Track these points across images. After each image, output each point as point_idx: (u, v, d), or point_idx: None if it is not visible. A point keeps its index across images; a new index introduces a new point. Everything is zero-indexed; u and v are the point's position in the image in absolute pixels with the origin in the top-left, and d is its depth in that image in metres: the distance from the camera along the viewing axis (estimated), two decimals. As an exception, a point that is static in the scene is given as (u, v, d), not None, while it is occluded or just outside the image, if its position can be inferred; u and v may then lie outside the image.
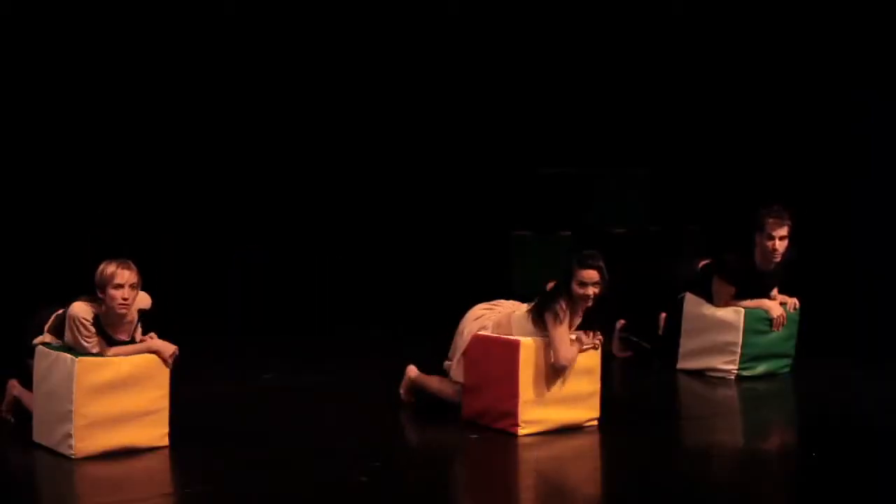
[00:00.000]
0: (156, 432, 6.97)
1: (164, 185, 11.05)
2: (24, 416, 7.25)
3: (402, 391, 8.03)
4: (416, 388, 7.98)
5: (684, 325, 9.05)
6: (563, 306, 7.34)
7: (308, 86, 11.53)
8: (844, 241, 10.79)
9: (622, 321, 9.55)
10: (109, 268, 6.78)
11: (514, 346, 7.35)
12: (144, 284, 6.96)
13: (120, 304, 6.78)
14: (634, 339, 9.49)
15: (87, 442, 6.79)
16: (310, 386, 8.67)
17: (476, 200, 12.16)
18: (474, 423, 7.48)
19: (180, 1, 10.98)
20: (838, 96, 10.83)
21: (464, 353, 7.64)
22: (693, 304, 9.03)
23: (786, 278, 9.00)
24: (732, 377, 8.81)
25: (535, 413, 7.32)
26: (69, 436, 6.77)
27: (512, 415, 7.31)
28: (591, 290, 7.39)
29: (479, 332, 7.60)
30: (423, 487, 6.69)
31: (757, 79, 11.28)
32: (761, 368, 8.90)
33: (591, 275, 7.39)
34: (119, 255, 6.96)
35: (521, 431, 7.29)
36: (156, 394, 6.94)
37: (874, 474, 6.71)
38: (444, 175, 11.74)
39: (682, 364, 9.03)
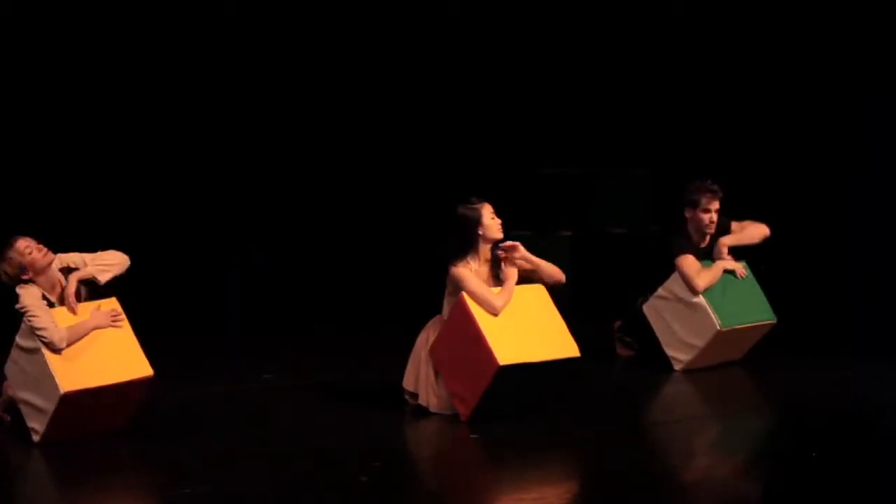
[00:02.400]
0: (136, 364, 7.17)
1: (164, 185, 11.04)
2: (20, 416, 7.24)
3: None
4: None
5: (657, 331, 9.07)
6: (462, 259, 7.62)
7: (308, 86, 11.51)
8: (844, 241, 10.78)
9: (618, 322, 9.53)
10: (17, 247, 7.21)
11: (461, 303, 7.49)
12: (145, 284, 7.01)
13: (46, 258, 7.23)
14: (628, 339, 9.47)
15: (69, 377, 6.96)
16: (310, 386, 8.67)
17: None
18: (474, 414, 7.47)
19: (180, 1, 10.98)
20: (838, 96, 10.83)
21: (435, 371, 7.64)
22: (651, 306, 9.07)
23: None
24: (718, 327, 8.79)
25: (508, 345, 7.39)
26: (52, 378, 6.91)
27: (486, 350, 7.34)
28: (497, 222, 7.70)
29: (431, 341, 7.67)
30: (423, 487, 6.69)
31: (757, 79, 11.27)
32: (741, 317, 8.93)
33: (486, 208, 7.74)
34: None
35: (502, 361, 7.31)
36: (118, 332, 7.21)
37: (874, 474, 6.71)
38: (444, 175, 11.71)
39: (679, 364, 9.00)
